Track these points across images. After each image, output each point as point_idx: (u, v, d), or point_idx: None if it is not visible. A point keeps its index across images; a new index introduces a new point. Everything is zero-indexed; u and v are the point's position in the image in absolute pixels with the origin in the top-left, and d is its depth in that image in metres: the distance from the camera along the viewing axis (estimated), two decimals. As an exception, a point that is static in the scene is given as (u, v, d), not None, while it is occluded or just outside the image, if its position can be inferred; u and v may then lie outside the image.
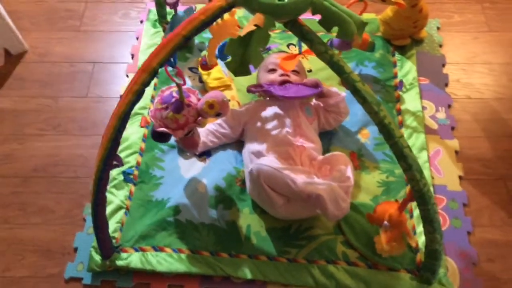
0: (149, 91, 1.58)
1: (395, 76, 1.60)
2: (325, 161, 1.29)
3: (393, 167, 1.40)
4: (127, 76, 1.66)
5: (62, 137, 1.52)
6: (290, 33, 1.10)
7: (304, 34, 1.04)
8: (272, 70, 1.44)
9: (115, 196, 1.36)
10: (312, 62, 1.63)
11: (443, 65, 1.65)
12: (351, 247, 1.26)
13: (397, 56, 1.65)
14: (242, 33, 0.98)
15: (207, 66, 1.57)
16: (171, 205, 1.32)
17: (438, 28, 1.74)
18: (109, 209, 1.33)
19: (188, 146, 1.27)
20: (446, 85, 1.60)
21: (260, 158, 1.30)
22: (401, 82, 1.57)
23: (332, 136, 1.46)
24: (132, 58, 1.70)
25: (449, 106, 1.55)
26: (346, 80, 1.04)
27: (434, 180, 1.39)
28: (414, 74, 1.60)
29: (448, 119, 1.51)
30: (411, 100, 1.54)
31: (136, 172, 1.41)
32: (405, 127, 1.48)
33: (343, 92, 1.42)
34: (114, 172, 1.40)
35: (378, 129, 1.04)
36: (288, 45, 1.69)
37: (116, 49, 1.74)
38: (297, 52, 1.45)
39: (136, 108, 1.54)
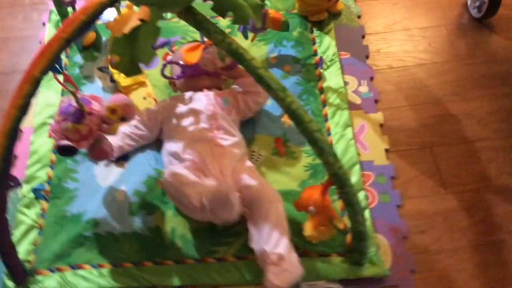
0: (56, 99, 1.48)
1: (315, 54, 1.55)
2: (250, 192, 1.19)
3: (319, 149, 1.36)
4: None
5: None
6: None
7: (198, 23, 0.97)
8: None
9: (26, 216, 1.26)
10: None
11: (363, 37, 1.61)
12: (282, 237, 1.21)
13: (316, 32, 1.60)
14: (126, 29, 0.90)
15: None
16: (88, 218, 1.24)
17: (355, -3, 1.71)
18: (19, 231, 1.24)
19: (98, 157, 1.18)
20: (367, 57, 1.56)
21: (177, 160, 1.24)
22: (321, 59, 1.53)
23: (255, 124, 1.40)
24: (37, 63, 1.58)
25: (371, 78, 1.51)
26: (247, 67, 0.98)
27: (360, 156, 1.35)
28: (334, 49, 1.55)
29: (371, 92, 1.48)
30: (332, 77, 1.49)
31: (47, 187, 1.31)
32: (328, 105, 1.43)
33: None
34: (24, 190, 1.30)
35: (287, 116, 0.99)
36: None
37: (19, 57, 1.61)
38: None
39: (44, 117, 1.44)
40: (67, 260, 1.19)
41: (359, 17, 1.65)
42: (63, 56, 1.50)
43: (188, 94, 1.35)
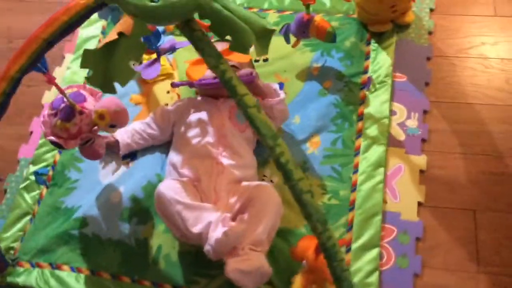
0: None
1: (365, 71, 1.33)
2: (246, 194, 1.07)
3: (340, 187, 1.18)
4: (64, 57, 1.49)
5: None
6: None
7: (194, 41, 0.83)
8: None
9: (24, 200, 1.24)
10: (273, 47, 1.39)
11: (428, 59, 1.36)
12: (269, 284, 1.08)
13: (373, 45, 1.37)
14: (101, 44, 0.78)
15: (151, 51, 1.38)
16: (79, 215, 1.19)
17: (431, 10, 1.44)
18: (14, 215, 1.23)
19: (88, 157, 1.11)
20: (427, 84, 1.32)
21: (175, 172, 1.14)
22: (369, 79, 1.31)
23: (275, 144, 1.25)
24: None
25: (425, 112, 1.28)
26: (238, 103, 0.83)
27: (386, 205, 1.16)
28: (389, 69, 1.32)
29: (420, 128, 1.25)
30: (378, 103, 1.28)
31: (50, 173, 1.28)
32: (363, 136, 1.24)
33: (282, 94, 1.20)
34: (29, 171, 1.28)
35: (276, 167, 0.83)
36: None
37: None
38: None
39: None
40: (49, 256, 1.16)
41: (430, 33, 1.40)
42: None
43: (203, 100, 1.23)
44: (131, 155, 1.27)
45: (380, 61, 1.34)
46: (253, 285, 0.97)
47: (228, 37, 0.80)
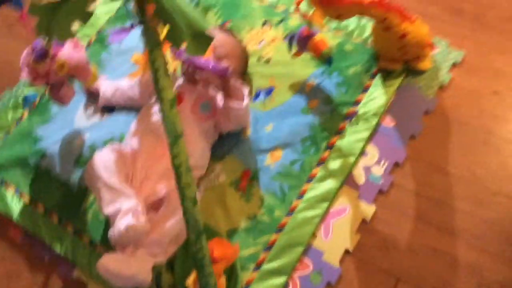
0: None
1: (356, 103, 1.28)
2: (170, 189, 1.09)
3: (278, 206, 1.17)
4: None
5: None
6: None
7: (142, 23, 0.85)
8: None
9: (6, 117, 1.36)
10: (279, 50, 1.38)
11: (426, 112, 1.28)
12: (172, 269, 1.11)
13: (376, 80, 1.31)
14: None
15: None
16: (42, 147, 1.29)
17: (454, 64, 1.34)
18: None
19: (54, 100, 1.18)
20: (412, 137, 1.25)
21: (126, 138, 1.19)
22: (355, 113, 1.27)
23: (237, 143, 1.26)
24: None
25: (396, 164, 1.22)
26: (156, 94, 0.85)
27: (314, 240, 1.14)
28: (379, 109, 1.26)
29: (383, 178, 1.20)
30: (353, 139, 1.23)
31: (37, 100, 1.38)
32: (323, 167, 1.20)
33: (246, 101, 1.18)
34: (22, 92, 1.39)
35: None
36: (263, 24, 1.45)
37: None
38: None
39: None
40: (2, 172, 1.27)
41: (441, 87, 1.31)
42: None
43: (181, 82, 1.25)
44: (110, 108, 1.34)
45: (375, 99, 1.28)
46: (119, 286, 1.00)
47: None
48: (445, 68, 1.33)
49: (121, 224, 0.99)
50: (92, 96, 1.31)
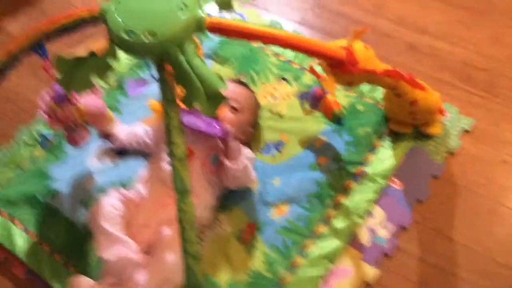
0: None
1: (365, 163, 1.30)
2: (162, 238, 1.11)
3: (280, 262, 1.16)
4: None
5: None
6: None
7: (160, 81, 0.89)
8: None
9: (22, 153, 1.39)
10: (291, 106, 1.41)
11: (435, 177, 1.29)
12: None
13: (385, 141, 1.33)
14: (73, 56, 0.87)
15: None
16: (52, 186, 1.31)
17: (465, 131, 1.35)
18: (11, 163, 1.39)
19: (70, 141, 1.21)
20: (420, 202, 1.25)
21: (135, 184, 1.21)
22: (363, 172, 1.28)
23: (243, 196, 1.27)
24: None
25: (403, 228, 1.21)
26: (169, 148, 0.87)
27: (314, 298, 1.13)
28: (388, 172, 1.28)
29: (388, 242, 1.19)
30: (359, 199, 1.24)
31: (52, 139, 1.41)
32: (328, 225, 1.21)
33: (245, 162, 1.20)
34: (39, 130, 1.43)
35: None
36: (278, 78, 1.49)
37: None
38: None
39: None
40: (12, 209, 1.29)
41: (451, 153, 1.32)
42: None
43: (194, 132, 1.28)
44: (123, 152, 1.37)
45: (384, 160, 1.30)
46: None
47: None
48: (454, 134, 1.34)
49: (113, 253, 1.03)
50: (106, 139, 1.34)
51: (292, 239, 1.20)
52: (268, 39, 0.88)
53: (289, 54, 1.52)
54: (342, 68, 0.97)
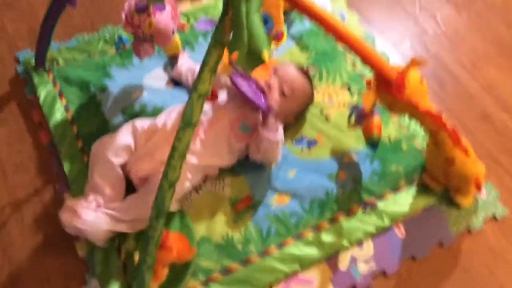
0: None
1: (380, 197, 1.27)
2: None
3: (255, 242, 1.19)
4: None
5: None
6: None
7: (219, 23, 0.92)
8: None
9: (97, 43, 1.51)
10: (341, 114, 1.41)
11: (440, 244, 1.24)
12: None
13: (411, 188, 1.29)
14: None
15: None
16: (106, 83, 1.42)
17: (493, 217, 1.28)
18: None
19: (135, 51, 1.29)
20: (413, 258, 1.21)
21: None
22: (372, 204, 1.26)
23: (256, 170, 1.29)
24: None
25: (383, 273, 1.18)
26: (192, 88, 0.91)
27: (268, 291, 1.15)
28: (398, 216, 1.25)
29: (363, 278, 1.16)
30: (357, 226, 1.23)
31: (128, 45, 1.51)
32: (315, 234, 1.21)
33: (279, 138, 1.22)
34: (118, 32, 1.54)
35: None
36: (343, 85, 1.49)
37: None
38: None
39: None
40: (65, 85, 1.42)
41: (468, 231, 1.26)
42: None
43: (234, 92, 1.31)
44: (179, 84, 1.45)
45: (400, 204, 1.27)
46: (74, 230, 1.09)
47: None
48: (482, 215, 1.28)
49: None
50: (172, 63, 1.43)
51: (277, 229, 1.22)
52: (330, 27, 0.89)
53: (366, 71, 1.51)
54: (387, 89, 0.96)
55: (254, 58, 0.87)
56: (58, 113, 1.36)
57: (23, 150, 1.32)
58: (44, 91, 1.40)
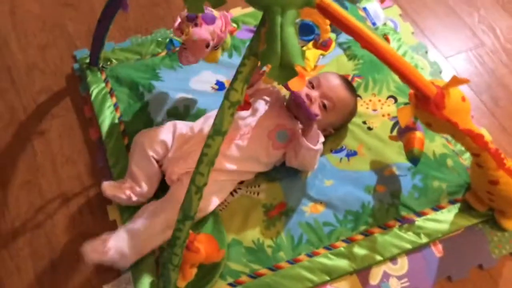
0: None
1: (419, 214, 1.23)
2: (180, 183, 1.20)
3: (286, 249, 1.19)
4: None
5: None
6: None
7: (255, 34, 0.93)
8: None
9: (149, 44, 1.57)
10: (384, 125, 1.38)
11: (480, 267, 1.18)
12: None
13: (453, 206, 1.24)
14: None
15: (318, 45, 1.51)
16: (154, 83, 1.47)
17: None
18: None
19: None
20: (449, 279, 1.16)
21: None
22: (410, 220, 1.22)
23: (292, 177, 1.29)
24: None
25: (416, 291, 1.15)
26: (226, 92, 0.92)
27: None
28: (436, 234, 1.20)
29: (394, 294, 1.14)
30: (393, 242, 1.19)
31: (177, 48, 1.56)
32: (347, 246, 1.19)
33: (319, 146, 1.21)
34: (172, 36, 1.59)
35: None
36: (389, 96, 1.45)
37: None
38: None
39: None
40: (116, 83, 1.48)
41: (511, 254, 1.20)
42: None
43: (278, 102, 1.33)
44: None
45: (440, 222, 1.22)
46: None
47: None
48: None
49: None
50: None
51: (309, 238, 1.21)
52: (364, 41, 0.87)
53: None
54: (425, 105, 0.93)
55: (287, 71, 0.87)
56: (108, 111, 1.43)
57: (73, 144, 1.40)
58: (96, 89, 1.47)
